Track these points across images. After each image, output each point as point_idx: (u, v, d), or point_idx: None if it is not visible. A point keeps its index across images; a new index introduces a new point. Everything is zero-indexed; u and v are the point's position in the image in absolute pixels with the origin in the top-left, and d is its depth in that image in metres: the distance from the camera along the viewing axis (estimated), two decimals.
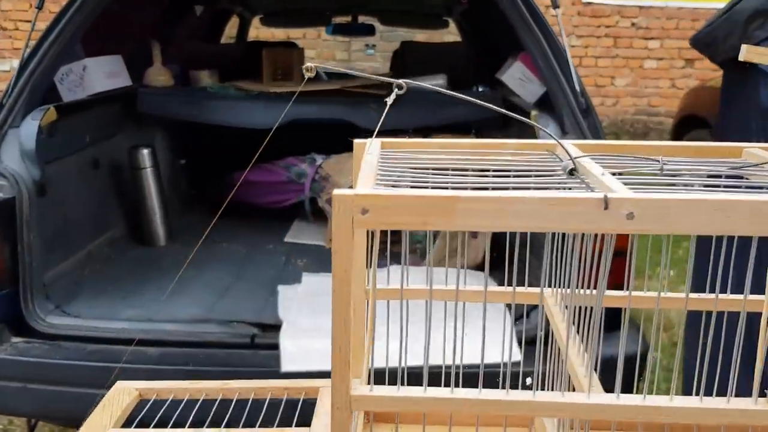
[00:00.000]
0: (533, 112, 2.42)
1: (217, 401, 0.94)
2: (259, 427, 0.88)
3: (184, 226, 3.10)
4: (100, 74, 2.79)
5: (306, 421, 0.89)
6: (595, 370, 0.80)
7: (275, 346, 2.06)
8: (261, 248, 2.92)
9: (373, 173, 0.75)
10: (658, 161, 0.79)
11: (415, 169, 0.83)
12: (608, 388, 0.82)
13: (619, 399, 0.70)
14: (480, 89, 3.10)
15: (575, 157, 0.78)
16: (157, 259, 2.83)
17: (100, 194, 2.89)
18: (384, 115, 0.82)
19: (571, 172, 0.75)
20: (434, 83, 3.00)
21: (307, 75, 0.74)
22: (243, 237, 3.00)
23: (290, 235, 3.06)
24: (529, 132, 2.42)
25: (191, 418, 0.88)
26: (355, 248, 0.89)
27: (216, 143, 3.41)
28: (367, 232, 0.88)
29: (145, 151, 2.93)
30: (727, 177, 0.79)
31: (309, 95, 2.92)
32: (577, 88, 2.17)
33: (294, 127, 2.68)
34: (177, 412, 0.92)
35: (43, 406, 2.27)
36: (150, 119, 3.14)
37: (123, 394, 0.92)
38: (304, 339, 2.05)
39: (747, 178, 0.81)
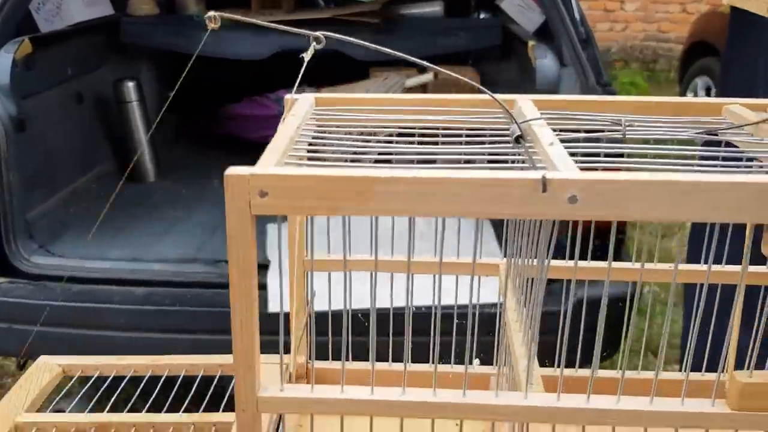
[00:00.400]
0: (531, 42, 2.28)
1: (145, 378, 0.88)
2: (188, 405, 0.82)
3: (174, 161, 3.02)
4: (78, 2, 2.66)
5: None
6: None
7: (263, 286, 2.01)
8: None
9: (289, 141, 0.65)
10: (621, 125, 0.69)
11: (349, 134, 0.73)
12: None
13: (559, 401, 0.62)
14: (481, 16, 2.94)
15: (524, 121, 0.68)
16: (145, 197, 2.76)
17: (85, 129, 2.80)
18: (301, 73, 0.72)
19: (518, 140, 0.65)
20: (430, 10, 2.84)
21: (210, 26, 0.63)
22: None
23: None
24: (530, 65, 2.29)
25: (114, 398, 0.82)
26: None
27: (205, 75, 3.29)
28: None
29: (131, 84, 2.83)
30: (704, 144, 0.69)
31: (299, 24, 2.78)
32: (577, 17, 2.03)
33: (284, 57, 2.56)
34: (99, 392, 0.86)
35: (30, 346, 2.25)
36: (135, 50, 3.02)
37: (44, 371, 0.86)
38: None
39: (725, 144, 0.71)
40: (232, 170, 0.56)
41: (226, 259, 2.11)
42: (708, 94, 4.65)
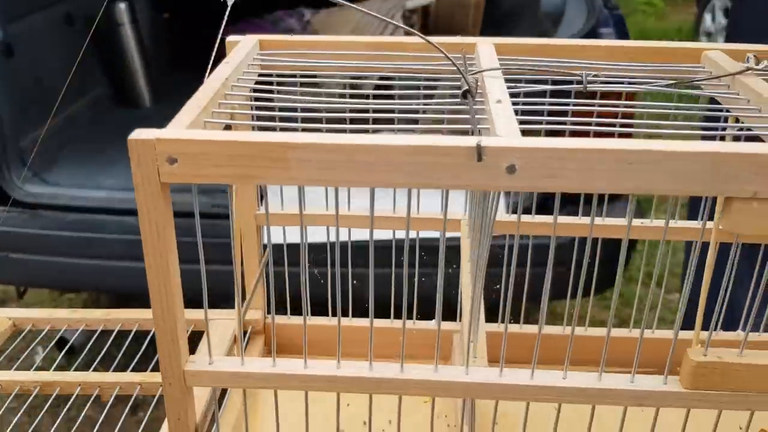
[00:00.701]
0: None
1: (97, 332, 0.86)
2: (136, 364, 0.80)
3: (170, 85, 2.95)
4: None
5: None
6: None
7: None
8: None
9: (214, 95, 0.60)
10: (581, 76, 0.62)
11: (286, 85, 0.67)
12: None
13: (502, 377, 0.58)
14: None
15: (474, 72, 0.61)
16: (141, 122, 2.71)
17: (77, 53, 2.73)
18: (225, 15, 0.66)
19: (465, 95, 0.59)
20: None
21: None
22: None
23: None
24: None
25: (61, 354, 0.80)
26: None
27: None
28: None
29: (122, 6, 2.74)
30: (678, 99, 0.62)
31: None
32: None
33: None
34: (49, 346, 0.84)
35: (26, 275, 2.27)
36: None
37: None
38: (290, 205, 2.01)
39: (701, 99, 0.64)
40: (138, 133, 0.51)
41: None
42: (727, 16, 4.45)
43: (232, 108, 0.63)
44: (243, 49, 0.71)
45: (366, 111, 0.61)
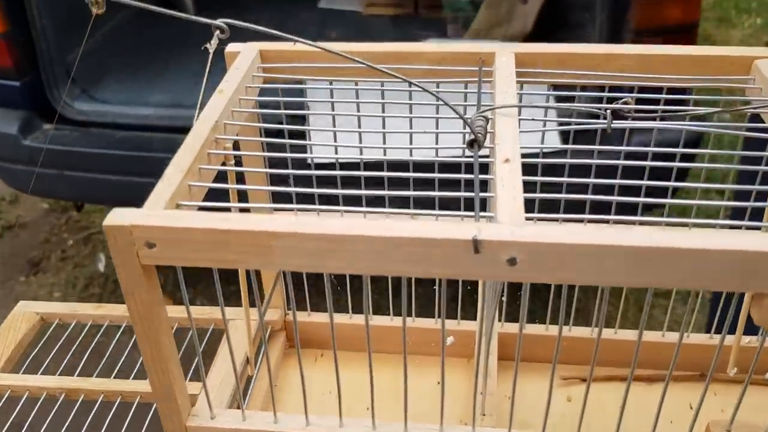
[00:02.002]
0: None
1: (122, 328, 0.86)
2: None
3: None
4: None
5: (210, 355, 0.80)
6: None
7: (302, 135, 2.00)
8: (293, 15, 2.69)
9: (204, 141, 0.56)
10: (605, 116, 0.55)
11: (281, 114, 0.62)
12: None
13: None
14: None
15: (482, 113, 0.55)
16: (185, 33, 2.64)
17: None
18: (207, 70, 0.60)
19: (471, 144, 0.53)
20: None
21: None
22: (274, 3, 2.75)
23: None
24: None
25: (90, 349, 0.81)
26: None
27: None
28: None
29: None
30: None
31: None
32: None
33: None
34: (78, 341, 0.85)
35: (81, 191, 2.31)
36: None
37: (21, 321, 0.85)
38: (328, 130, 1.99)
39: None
40: (113, 217, 0.48)
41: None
42: None
43: (225, 148, 0.59)
44: (243, 63, 0.65)
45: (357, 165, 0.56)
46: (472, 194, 0.50)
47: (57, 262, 2.66)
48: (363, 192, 0.53)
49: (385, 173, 0.59)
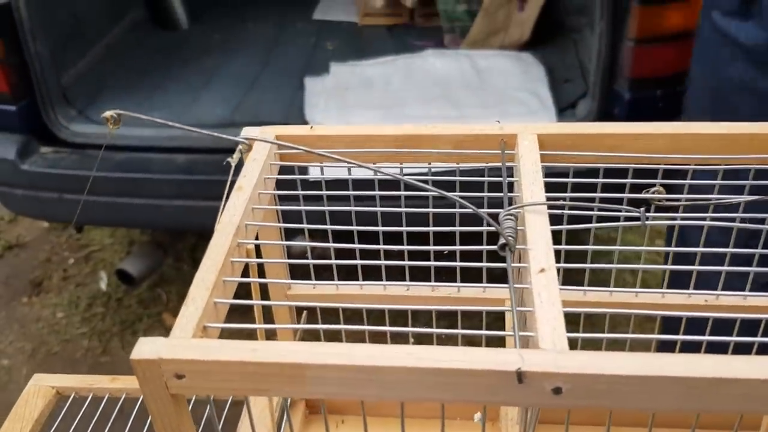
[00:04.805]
0: None
1: (139, 401, 0.85)
2: None
3: (206, 3, 2.82)
4: None
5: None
6: None
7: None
8: (289, 28, 2.66)
9: (230, 246, 0.54)
10: (644, 215, 0.53)
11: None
12: None
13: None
14: None
15: (516, 207, 0.53)
16: (179, 46, 2.61)
17: None
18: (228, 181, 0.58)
19: (503, 248, 0.51)
20: None
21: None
22: (269, 13, 2.72)
23: (320, 10, 2.74)
24: None
25: (111, 422, 0.79)
26: None
27: None
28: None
29: None
30: None
31: None
32: None
33: None
34: (95, 418, 0.83)
35: (81, 213, 2.29)
36: None
37: (37, 397, 0.84)
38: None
39: None
40: (140, 351, 0.46)
41: (263, 121, 1.98)
42: None
43: (248, 251, 0.57)
44: (260, 154, 0.63)
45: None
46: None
47: (59, 281, 2.65)
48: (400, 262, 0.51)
49: (405, 247, 0.58)
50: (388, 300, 0.72)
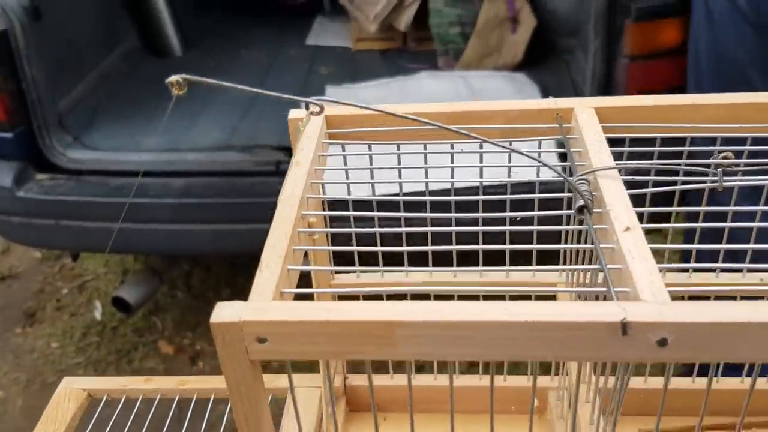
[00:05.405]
0: None
1: (175, 401, 0.82)
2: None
3: (200, 31, 2.82)
4: None
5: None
6: None
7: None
8: (282, 54, 2.66)
9: (291, 233, 0.52)
10: (716, 172, 0.52)
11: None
12: None
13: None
14: None
15: (587, 172, 0.52)
16: (174, 73, 2.60)
17: (104, 7, 2.60)
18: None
19: (581, 210, 0.50)
20: None
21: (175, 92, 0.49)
22: (262, 41, 2.73)
23: (312, 36, 2.75)
24: None
25: (146, 425, 0.76)
26: None
27: None
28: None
29: None
30: None
31: None
32: None
33: None
34: (130, 420, 0.80)
35: (78, 240, 2.25)
36: None
37: (68, 400, 0.80)
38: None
39: None
40: (220, 314, 0.44)
41: (261, 144, 1.95)
42: None
43: (310, 223, 0.55)
44: (313, 133, 0.62)
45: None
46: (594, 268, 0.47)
47: (52, 311, 2.59)
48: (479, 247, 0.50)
49: (480, 228, 0.56)
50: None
